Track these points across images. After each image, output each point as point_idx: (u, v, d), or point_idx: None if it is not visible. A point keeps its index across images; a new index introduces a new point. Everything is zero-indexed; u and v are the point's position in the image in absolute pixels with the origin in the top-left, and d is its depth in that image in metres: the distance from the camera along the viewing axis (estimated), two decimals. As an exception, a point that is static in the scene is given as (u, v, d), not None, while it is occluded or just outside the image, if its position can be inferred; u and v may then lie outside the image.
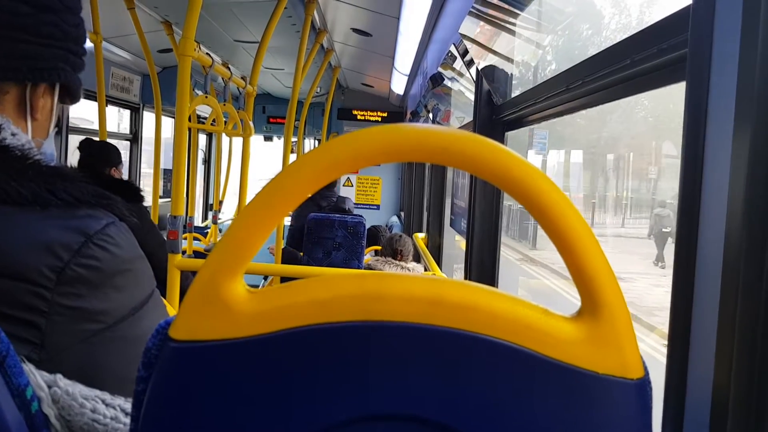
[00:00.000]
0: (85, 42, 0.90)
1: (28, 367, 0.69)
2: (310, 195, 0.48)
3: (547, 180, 0.47)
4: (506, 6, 2.06)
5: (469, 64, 2.41)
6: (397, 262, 3.75)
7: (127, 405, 0.74)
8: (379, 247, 4.56)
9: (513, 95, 2.02)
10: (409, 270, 3.78)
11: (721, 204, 0.66)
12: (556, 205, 0.47)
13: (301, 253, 4.40)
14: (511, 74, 2.18)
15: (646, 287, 7.62)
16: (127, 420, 0.72)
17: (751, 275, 0.61)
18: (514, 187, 0.47)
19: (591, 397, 0.47)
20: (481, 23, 2.25)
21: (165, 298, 2.41)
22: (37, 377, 0.68)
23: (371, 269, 3.72)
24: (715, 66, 0.68)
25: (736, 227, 0.63)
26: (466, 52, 2.39)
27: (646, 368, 0.49)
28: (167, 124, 5.55)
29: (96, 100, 4.06)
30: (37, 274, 0.72)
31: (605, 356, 0.48)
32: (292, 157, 4.97)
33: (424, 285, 0.48)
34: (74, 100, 0.92)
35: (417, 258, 4.87)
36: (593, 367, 0.47)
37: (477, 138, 0.47)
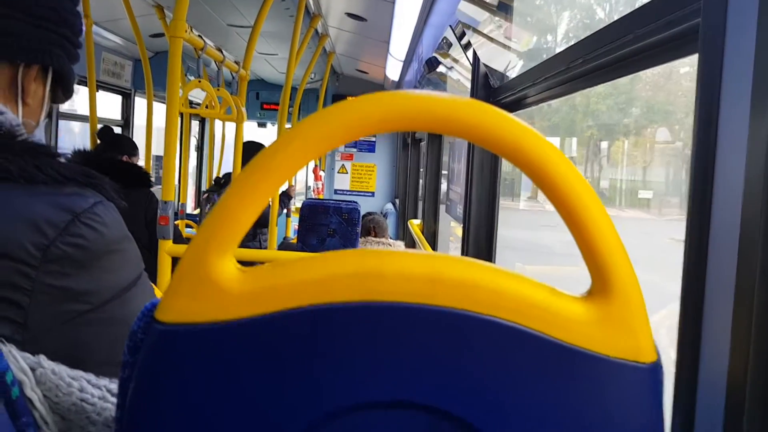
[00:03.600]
0: (81, 34, 0.90)
1: (8, 349, 0.66)
2: (305, 165, 0.46)
3: (556, 150, 0.45)
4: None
5: (466, 46, 2.37)
6: (377, 239, 3.79)
7: (113, 386, 0.72)
8: None
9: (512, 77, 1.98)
10: (391, 246, 3.83)
11: (737, 186, 0.62)
12: (565, 178, 0.45)
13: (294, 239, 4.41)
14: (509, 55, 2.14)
15: None
16: (114, 400, 0.70)
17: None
18: (520, 156, 0.45)
19: (601, 382, 0.45)
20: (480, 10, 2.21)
21: (156, 284, 2.39)
22: (19, 360, 0.65)
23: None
24: (730, 36, 0.65)
25: (753, 209, 0.60)
26: (463, 34, 2.36)
27: (658, 352, 0.47)
28: (160, 110, 5.51)
29: (87, 86, 4.02)
30: (21, 250, 0.69)
31: (617, 339, 0.45)
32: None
33: (423, 262, 0.46)
34: (67, 93, 0.91)
35: (412, 243, 4.86)
36: (604, 351, 0.45)
37: (482, 105, 0.45)
